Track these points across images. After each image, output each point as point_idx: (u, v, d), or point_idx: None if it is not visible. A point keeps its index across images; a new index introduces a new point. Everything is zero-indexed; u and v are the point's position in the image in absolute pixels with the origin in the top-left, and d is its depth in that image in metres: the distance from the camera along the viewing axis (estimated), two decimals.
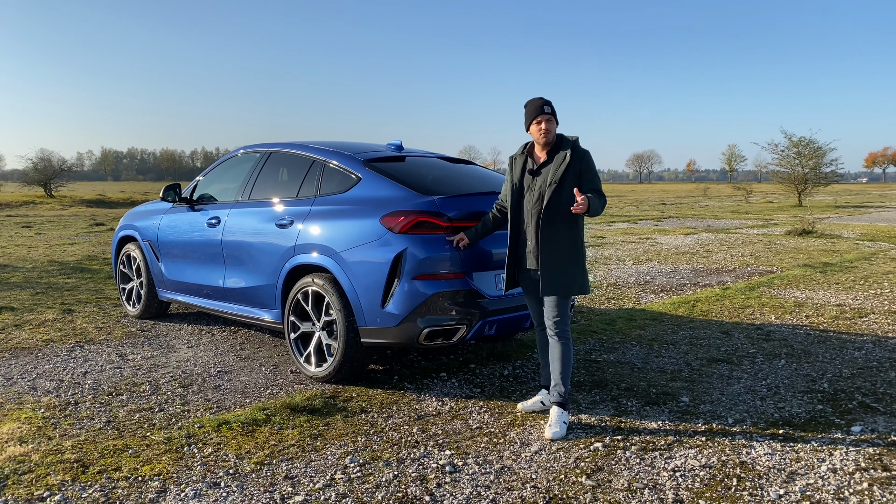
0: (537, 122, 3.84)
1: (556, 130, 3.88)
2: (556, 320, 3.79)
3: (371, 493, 2.98)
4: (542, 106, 3.85)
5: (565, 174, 3.76)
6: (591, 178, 3.82)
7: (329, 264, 4.38)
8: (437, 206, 4.19)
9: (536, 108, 3.85)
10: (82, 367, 4.86)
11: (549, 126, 3.83)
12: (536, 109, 3.84)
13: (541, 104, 3.86)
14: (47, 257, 11.14)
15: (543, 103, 3.87)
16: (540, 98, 3.90)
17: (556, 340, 3.81)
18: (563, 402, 3.76)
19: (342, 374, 4.43)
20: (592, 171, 3.84)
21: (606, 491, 3.02)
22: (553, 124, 3.85)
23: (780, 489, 3.02)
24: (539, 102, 3.87)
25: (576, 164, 3.78)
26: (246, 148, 5.77)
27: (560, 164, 3.78)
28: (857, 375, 4.68)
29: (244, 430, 3.66)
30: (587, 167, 3.82)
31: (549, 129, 3.83)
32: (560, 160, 3.79)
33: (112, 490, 2.99)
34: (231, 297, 5.30)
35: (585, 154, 3.84)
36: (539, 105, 3.85)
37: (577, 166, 3.78)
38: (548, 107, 3.86)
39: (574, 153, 3.80)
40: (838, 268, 9.83)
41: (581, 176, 3.79)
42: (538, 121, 3.83)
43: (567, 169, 3.76)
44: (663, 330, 6.02)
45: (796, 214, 22.64)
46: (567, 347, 3.80)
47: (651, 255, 11.59)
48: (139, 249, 6.40)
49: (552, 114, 3.84)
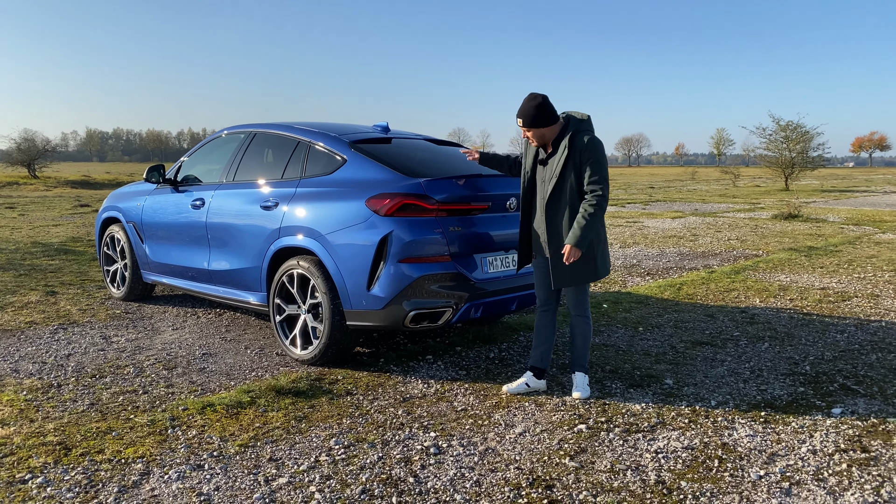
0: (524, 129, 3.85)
1: (552, 130, 3.82)
2: (575, 302, 3.99)
3: (355, 475, 2.99)
4: (518, 117, 3.81)
5: (564, 167, 3.75)
6: (591, 170, 3.72)
7: (314, 247, 4.36)
8: (424, 189, 4.17)
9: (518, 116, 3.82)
10: (65, 350, 4.83)
11: (532, 135, 3.84)
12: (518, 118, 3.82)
13: (518, 114, 3.80)
14: (31, 239, 11.03)
15: (520, 113, 3.79)
16: (523, 104, 3.81)
17: (578, 320, 4.00)
18: (586, 369, 4.02)
19: (328, 357, 4.42)
20: (594, 160, 3.72)
21: (589, 472, 3.04)
22: (535, 132, 3.81)
23: (761, 470, 3.06)
24: (519, 111, 3.80)
25: (575, 155, 3.74)
26: (230, 129, 5.71)
27: (560, 157, 3.76)
28: (839, 358, 4.73)
29: (228, 413, 3.65)
30: (587, 157, 3.72)
31: (535, 137, 3.84)
32: (560, 152, 3.77)
33: (95, 472, 2.98)
34: (216, 279, 5.27)
35: (588, 144, 3.72)
36: (518, 115, 3.81)
37: (576, 158, 3.74)
38: (523, 118, 3.78)
39: (572, 144, 3.74)
40: (823, 252, 9.91)
41: (581, 168, 3.74)
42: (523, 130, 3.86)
43: (565, 162, 3.75)
44: (649, 313, 6.05)
45: (783, 198, 22.76)
46: (588, 325, 4.00)
47: (638, 239, 11.63)
48: (123, 231, 6.33)
49: (529, 126, 3.79)
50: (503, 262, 4.43)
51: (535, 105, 3.78)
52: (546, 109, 3.79)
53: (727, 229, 13.16)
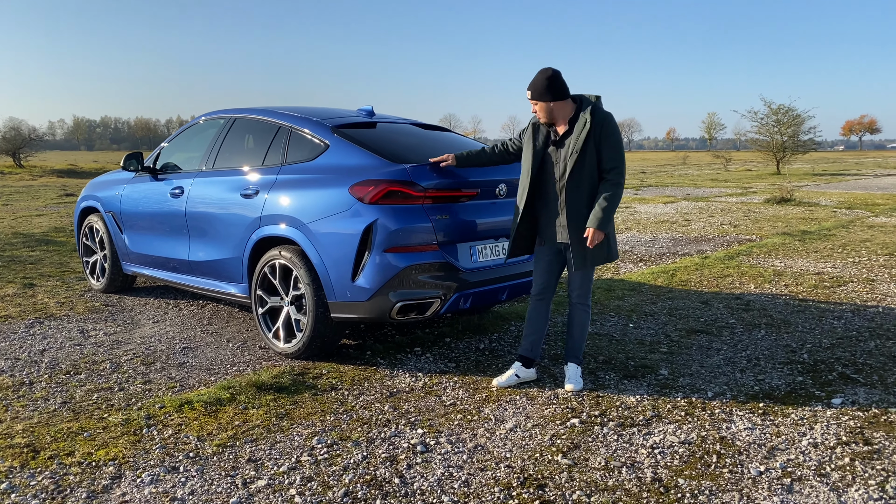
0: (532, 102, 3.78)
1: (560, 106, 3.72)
2: (582, 291, 3.87)
3: (338, 476, 2.85)
4: (528, 89, 3.77)
5: (586, 143, 3.64)
6: (610, 149, 3.63)
7: (296, 236, 4.19)
8: (410, 175, 4.00)
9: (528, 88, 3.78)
10: (40, 345, 4.66)
11: (539, 110, 3.75)
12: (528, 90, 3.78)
13: (528, 86, 3.76)
14: (12, 229, 10.79)
15: (530, 85, 3.76)
16: (534, 77, 3.75)
17: (580, 308, 3.89)
18: (579, 361, 3.90)
19: (312, 350, 4.27)
20: (613, 139, 3.65)
21: (583, 470, 2.91)
22: (543, 105, 3.72)
23: (761, 465, 2.94)
24: (530, 83, 3.76)
25: (596, 129, 3.64)
26: (208, 114, 5.51)
27: (581, 132, 3.65)
28: (837, 345, 4.62)
29: (207, 411, 3.50)
30: (607, 134, 3.64)
31: (542, 112, 3.75)
32: (580, 127, 3.65)
33: (63, 477, 2.83)
34: (197, 270, 5.10)
35: (606, 118, 3.66)
36: (528, 87, 3.77)
37: (597, 132, 3.64)
38: (532, 91, 3.73)
39: (594, 118, 3.65)
40: (817, 236, 9.81)
41: (601, 145, 3.64)
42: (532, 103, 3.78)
43: (587, 137, 3.63)
44: (642, 300, 5.93)
45: (775, 182, 22.69)
46: (587, 314, 3.91)
47: (630, 225, 11.51)
48: (102, 221, 6.14)
49: (537, 98, 3.72)
50: (493, 250, 4.28)
51: (545, 77, 3.70)
52: (556, 83, 3.69)
53: (720, 214, 13.06)
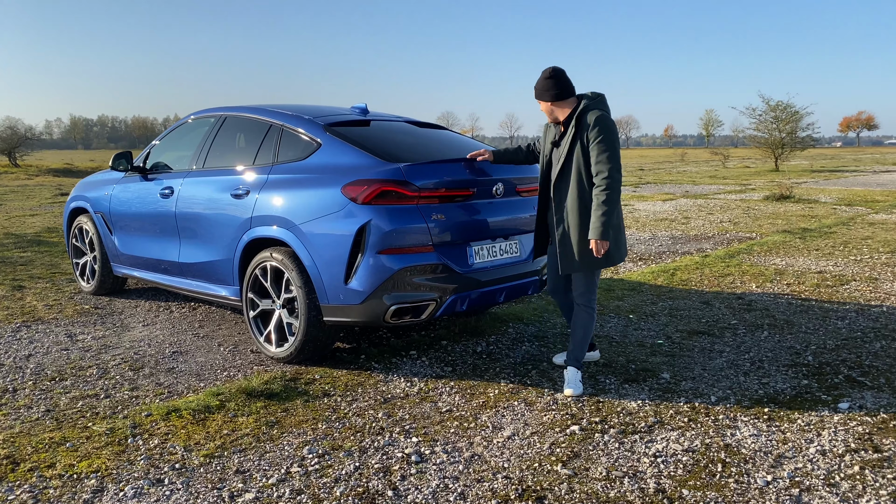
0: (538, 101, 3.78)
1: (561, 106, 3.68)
2: (581, 292, 3.80)
3: (329, 489, 2.74)
4: (534, 88, 3.75)
5: (571, 146, 3.57)
6: (597, 153, 3.49)
7: (288, 237, 4.08)
8: (404, 175, 3.89)
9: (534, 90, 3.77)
10: (26, 350, 4.54)
11: (542, 109, 3.74)
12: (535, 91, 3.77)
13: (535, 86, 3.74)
14: (4, 230, 10.66)
15: (536, 84, 3.73)
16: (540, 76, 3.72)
17: (582, 309, 3.82)
18: (579, 365, 3.81)
19: (304, 355, 4.16)
20: (601, 141, 3.49)
21: (583, 481, 2.81)
22: (544, 105, 3.72)
23: (768, 475, 2.83)
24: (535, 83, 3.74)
25: (581, 133, 3.55)
26: (198, 113, 5.39)
27: (568, 137, 3.61)
28: (842, 347, 4.52)
29: (195, 419, 3.39)
30: (594, 136, 3.50)
31: (544, 111, 3.74)
32: (569, 131, 3.61)
33: (43, 490, 2.72)
34: (188, 272, 4.98)
35: (597, 120, 3.51)
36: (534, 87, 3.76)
37: (582, 137, 3.55)
38: (534, 90, 3.74)
39: (578, 122, 3.57)
40: (817, 233, 9.71)
41: (588, 148, 3.54)
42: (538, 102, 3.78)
43: (572, 141, 3.57)
44: (642, 300, 5.83)
45: (773, 179, 22.59)
46: (590, 317, 3.81)
47: (629, 223, 11.40)
48: (91, 222, 6.02)
49: (537, 98, 3.72)
50: (490, 251, 4.17)
51: (544, 77, 3.67)
52: (555, 83, 3.62)
53: (719, 211, 12.95)
